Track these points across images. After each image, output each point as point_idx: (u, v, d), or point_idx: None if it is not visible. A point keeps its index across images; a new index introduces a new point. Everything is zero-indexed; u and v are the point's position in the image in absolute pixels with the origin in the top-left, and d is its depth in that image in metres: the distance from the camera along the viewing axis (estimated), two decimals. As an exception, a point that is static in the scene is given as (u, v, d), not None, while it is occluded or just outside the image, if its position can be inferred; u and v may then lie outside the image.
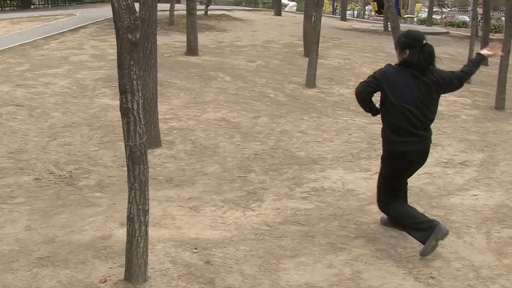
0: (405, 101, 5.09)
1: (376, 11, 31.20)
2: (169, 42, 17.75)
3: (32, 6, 34.76)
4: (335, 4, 47.55)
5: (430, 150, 8.60)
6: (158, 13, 9.50)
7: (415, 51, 5.09)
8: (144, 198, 4.46)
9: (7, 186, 7.26)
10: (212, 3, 28.12)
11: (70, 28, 19.94)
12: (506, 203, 6.63)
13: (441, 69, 5.32)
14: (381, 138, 5.48)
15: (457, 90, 5.59)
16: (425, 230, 5.11)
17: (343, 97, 12.83)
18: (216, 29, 21.37)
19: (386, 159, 5.43)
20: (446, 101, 12.80)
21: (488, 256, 5.27)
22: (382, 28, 26.17)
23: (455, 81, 5.35)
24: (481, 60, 5.66)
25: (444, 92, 5.38)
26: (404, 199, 5.67)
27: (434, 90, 5.18)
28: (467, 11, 48.00)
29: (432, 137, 5.48)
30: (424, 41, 5.12)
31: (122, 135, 4.40)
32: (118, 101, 4.36)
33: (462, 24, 38.06)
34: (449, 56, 19.49)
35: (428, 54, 5.10)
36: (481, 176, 7.65)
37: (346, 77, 14.77)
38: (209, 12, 25.20)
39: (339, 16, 34.26)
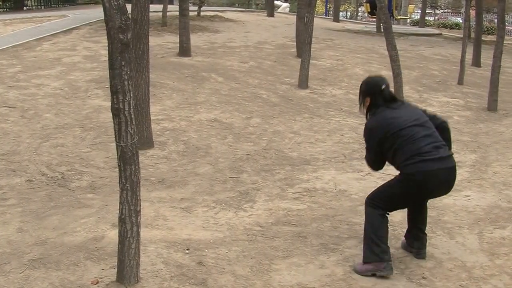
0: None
1: (369, 13, 31.16)
2: (162, 43, 17.72)
3: (24, 8, 34.67)
4: (328, 5, 47.55)
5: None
6: (151, 14, 9.51)
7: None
8: (136, 198, 4.45)
9: (-1, 188, 7.25)
10: (205, 4, 28.11)
11: (62, 30, 19.89)
12: (498, 204, 6.64)
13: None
14: None
15: None
16: (374, 254, 4.86)
17: (335, 98, 12.84)
18: (208, 30, 21.35)
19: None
20: (439, 102, 12.83)
21: (480, 257, 5.27)
22: (375, 29, 26.20)
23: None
24: None
25: None
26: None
27: None
28: (460, 12, 48.09)
29: None
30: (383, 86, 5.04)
31: (114, 136, 4.40)
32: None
33: (455, 26, 38.07)
34: (441, 57, 19.55)
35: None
36: (473, 177, 7.66)
37: (339, 78, 14.78)
38: (201, 13, 25.16)
39: (332, 17, 34.26)
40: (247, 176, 7.76)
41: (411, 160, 4.70)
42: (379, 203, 4.92)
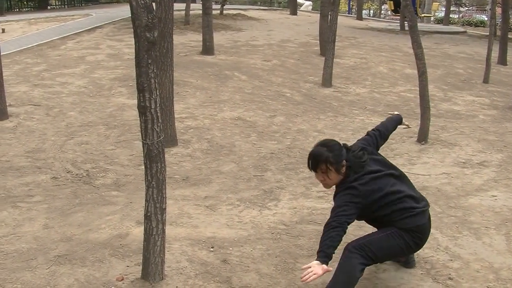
0: None
1: (392, 10, 31.08)
2: (185, 41, 17.77)
3: (49, 7, 34.96)
4: (351, 3, 47.41)
5: (448, 150, 8.62)
6: (174, 12, 9.52)
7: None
8: (162, 196, 4.46)
9: (25, 185, 7.29)
10: (228, 3, 28.15)
11: (86, 28, 20.05)
12: (526, 204, 6.56)
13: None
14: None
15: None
16: None
17: (359, 97, 12.78)
18: (231, 28, 21.37)
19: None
20: (464, 101, 12.72)
21: (508, 258, 5.20)
22: (399, 28, 26.07)
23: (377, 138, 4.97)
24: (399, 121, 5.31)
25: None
26: None
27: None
28: (485, 10, 47.67)
29: (449, 137, 5.28)
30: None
31: (139, 134, 4.41)
32: (134, 100, 4.37)
33: (480, 24, 37.78)
34: (466, 55, 19.40)
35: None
36: (500, 177, 7.57)
37: (363, 77, 14.72)
38: (224, 12, 25.22)
39: (355, 15, 34.18)
40: (271, 175, 7.75)
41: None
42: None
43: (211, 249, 5.30)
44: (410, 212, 4.36)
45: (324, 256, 4.01)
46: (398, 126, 5.40)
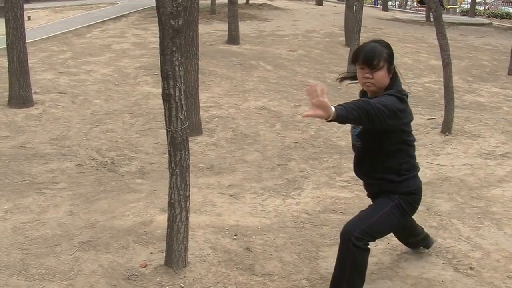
0: None
1: (418, 2, 30.87)
2: (211, 30, 17.79)
3: (74, -5, 35.10)
4: (377, -6, 47.13)
5: (472, 141, 8.57)
6: (200, 1, 9.55)
7: None
8: (185, 184, 4.47)
9: (50, 172, 7.36)
10: (253, -8, 28.14)
11: (112, 17, 20.14)
12: (549, 195, 6.51)
13: None
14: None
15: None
16: None
17: (384, 87, 12.73)
18: (257, 18, 21.35)
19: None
20: (488, 93, 12.62)
21: (530, 248, 5.18)
22: (424, 19, 25.89)
23: None
24: None
25: None
26: None
27: None
28: (511, 2, 47.14)
29: (472, 128, 5.15)
30: None
31: (163, 122, 4.42)
32: (159, 89, 4.38)
33: (505, 15, 37.33)
34: (492, 47, 19.22)
35: None
36: (523, 168, 7.53)
37: (387, 67, 14.65)
38: (250, 1, 25.19)
39: (381, 7, 34.00)
40: (295, 164, 7.75)
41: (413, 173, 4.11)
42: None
43: (234, 237, 5.32)
44: (412, 172, 4.08)
45: (339, 106, 3.53)
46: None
